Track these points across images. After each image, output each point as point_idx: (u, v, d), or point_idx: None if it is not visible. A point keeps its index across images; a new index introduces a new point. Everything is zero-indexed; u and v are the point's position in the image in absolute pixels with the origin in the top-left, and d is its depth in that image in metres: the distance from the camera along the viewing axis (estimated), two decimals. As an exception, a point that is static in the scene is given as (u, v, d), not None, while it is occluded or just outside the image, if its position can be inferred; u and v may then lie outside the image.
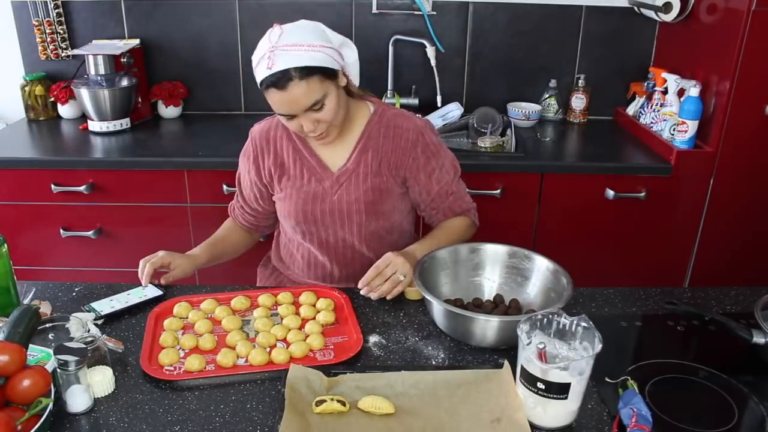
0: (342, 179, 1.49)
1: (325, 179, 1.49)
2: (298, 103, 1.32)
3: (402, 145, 1.49)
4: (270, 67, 1.28)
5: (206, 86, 2.65)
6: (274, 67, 1.28)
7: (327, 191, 1.49)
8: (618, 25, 2.57)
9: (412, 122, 1.51)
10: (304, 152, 1.50)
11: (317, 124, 1.38)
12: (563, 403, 1.00)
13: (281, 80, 1.29)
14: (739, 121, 2.09)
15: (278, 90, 1.30)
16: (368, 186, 1.49)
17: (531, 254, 1.36)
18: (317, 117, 1.36)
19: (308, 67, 1.30)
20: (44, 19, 2.49)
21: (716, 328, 1.29)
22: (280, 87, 1.29)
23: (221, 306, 1.32)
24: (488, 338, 1.19)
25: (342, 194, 1.49)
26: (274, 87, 1.30)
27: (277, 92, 1.30)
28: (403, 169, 1.50)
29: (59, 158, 2.21)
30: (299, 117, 1.36)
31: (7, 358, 0.97)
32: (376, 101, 1.55)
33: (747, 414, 1.08)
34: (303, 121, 1.36)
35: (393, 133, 1.49)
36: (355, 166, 1.49)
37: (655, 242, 2.29)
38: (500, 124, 2.44)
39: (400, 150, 1.49)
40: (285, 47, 1.29)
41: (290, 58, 1.28)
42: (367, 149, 1.49)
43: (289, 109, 1.34)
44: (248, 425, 1.02)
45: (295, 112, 1.34)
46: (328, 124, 1.39)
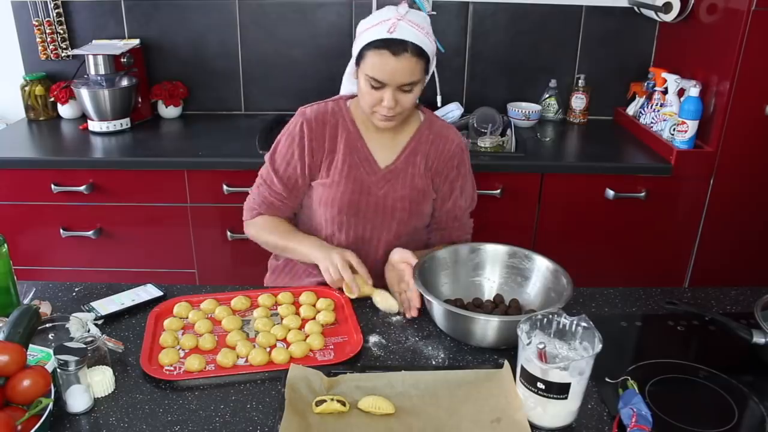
0: (390, 176, 1.52)
1: (373, 173, 1.51)
2: (400, 75, 1.37)
3: (446, 154, 1.55)
4: (391, 32, 1.34)
5: (206, 86, 2.65)
6: (396, 33, 1.34)
7: (374, 185, 1.51)
8: (618, 25, 2.57)
9: (458, 137, 1.58)
10: (358, 143, 1.52)
11: (396, 104, 1.41)
12: (563, 403, 1.00)
13: (398, 47, 1.34)
14: (739, 121, 2.09)
15: (390, 54, 1.35)
16: (414, 186, 1.53)
17: (531, 254, 1.36)
18: (400, 98, 1.41)
19: (422, 50, 1.37)
20: (44, 19, 2.49)
21: (716, 328, 1.30)
22: (394, 52, 1.35)
23: (221, 306, 1.32)
24: (488, 338, 1.19)
25: (389, 190, 1.52)
26: (388, 50, 1.35)
27: (388, 56, 1.35)
28: (439, 177, 1.56)
29: (59, 158, 2.21)
30: (387, 89, 1.39)
31: (7, 358, 0.97)
32: (426, 110, 1.60)
33: (747, 414, 1.08)
34: (387, 95, 1.39)
35: (441, 141, 1.55)
36: (404, 166, 1.53)
37: (655, 242, 2.29)
38: (500, 124, 2.44)
39: (443, 158, 1.55)
40: (410, 23, 1.37)
41: (413, 33, 1.36)
42: (417, 152, 1.53)
43: (388, 77, 1.37)
44: (248, 425, 1.02)
45: (390, 83, 1.38)
46: (402, 109, 1.43)
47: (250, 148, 2.23)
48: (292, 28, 2.57)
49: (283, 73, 2.62)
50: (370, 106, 1.43)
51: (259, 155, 2.16)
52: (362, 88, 1.43)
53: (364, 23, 1.42)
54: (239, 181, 2.16)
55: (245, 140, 2.31)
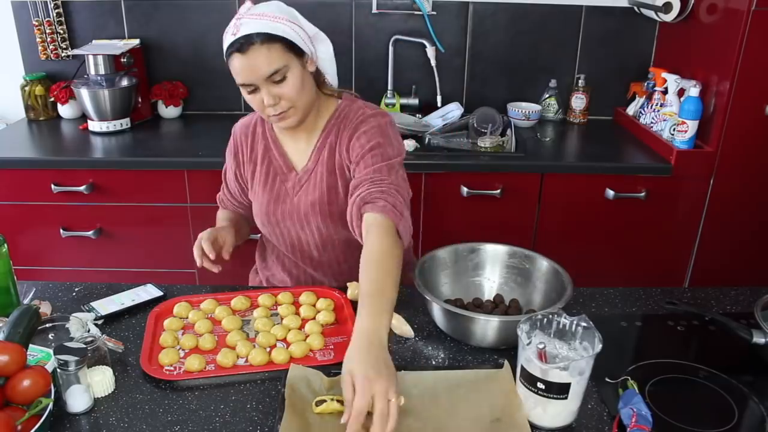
0: (303, 180, 1.46)
1: (288, 180, 1.48)
2: (259, 70, 1.30)
3: (344, 135, 1.41)
4: (235, 33, 1.30)
5: (206, 86, 2.65)
6: (239, 32, 1.29)
7: (288, 192, 1.48)
8: (618, 25, 2.57)
9: (360, 111, 1.42)
10: (274, 151, 1.49)
11: (278, 101, 1.34)
12: (563, 403, 1.00)
13: (244, 44, 1.28)
14: (739, 121, 2.09)
15: (240, 55, 1.29)
16: (324, 187, 1.44)
17: (531, 254, 1.36)
18: (278, 92, 1.32)
19: (270, 34, 1.29)
20: (44, 19, 2.49)
21: (716, 328, 1.29)
22: (243, 51, 1.29)
23: (221, 306, 1.32)
24: (488, 338, 1.19)
25: (301, 196, 1.46)
26: (238, 51, 1.29)
27: (239, 57, 1.30)
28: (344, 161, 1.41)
29: (59, 158, 2.22)
30: (261, 89, 1.33)
31: (7, 358, 0.97)
32: (347, 98, 1.48)
33: (747, 414, 1.08)
34: (264, 94, 1.32)
35: (344, 124, 1.43)
36: (313, 166, 1.45)
37: (655, 242, 2.29)
38: (500, 124, 2.44)
39: (341, 141, 1.42)
40: (251, 15, 1.31)
41: (255, 24, 1.29)
42: (324, 146, 1.44)
43: (250, 76, 1.31)
44: (248, 425, 1.02)
45: (256, 81, 1.31)
46: (289, 103, 1.34)
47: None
48: (292, 28, 2.57)
49: (283, 73, 2.62)
50: (260, 110, 1.38)
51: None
52: (245, 98, 1.38)
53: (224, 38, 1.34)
54: (239, 181, 2.16)
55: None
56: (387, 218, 1.25)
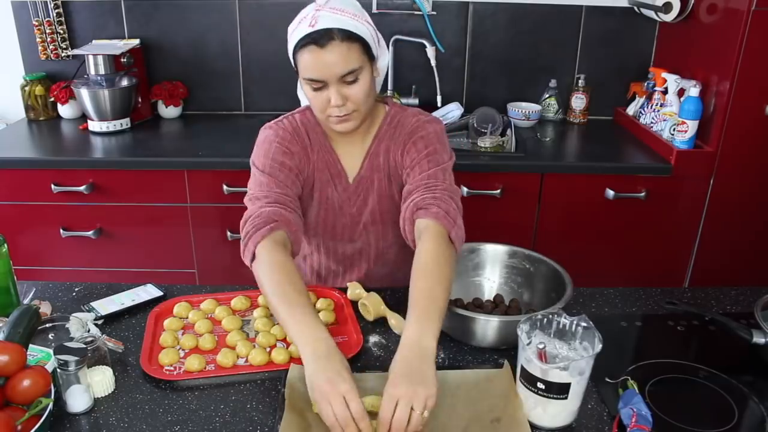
0: (359, 189, 1.42)
1: (344, 189, 1.42)
2: (335, 67, 1.23)
3: (399, 141, 1.39)
4: (313, 25, 1.21)
5: (206, 86, 2.65)
6: (318, 25, 1.21)
7: (346, 203, 1.42)
8: (618, 25, 2.57)
9: (414, 117, 1.40)
10: (328, 157, 1.40)
11: (345, 102, 1.27)
12: (563, 403, 1.00)
13: (323, 38, 1.21)
14: (739, 121, 2.09)
15: (318, 48, 1.21)
16: (382, 194, 1.41)
17: (531, 254, 1.36)
18: (347, 92, 1.26)
19: (351, 33, 1.23)
20: (44, 19, 2.49)
21: (716, 328, 1.29)
22: (321, 45, 1.21)
23: (221, 306, 1.32)
24: (488, 338, 1.19)
25: (360, 205, 1.42)
26: (315, 44, 1.21)
27: (316, 50, 1.22)
28: (399, 168, 1.39)
29: (59, 158, 2.22)
30: (330, 88, 1.25)
31: (7, 358, 0.97)
32: (393, 103, 1.45)
33: (747, 414, 1.08)
34: (332, 93, 1.25)
35: (399, 131, 1.40)
36: (368, 173, 1.41)
37: (655, 242, 2.29)
38: (500, 124, 2.44)
39: (396, 147, 1.39)
40: (332, 9, 1.23)
41: (336, 19, 1.22)
42: (378, 152, 1.40)
43: (323, 73, 1.23)
44: (248, 425, 1.02)
45: (329, 78, 1.24)
46: (354, 106, 1.28)
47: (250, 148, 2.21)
48: (292, 28, 2.57)
49: (283, 73, 2.61)
50: (321, 111, 1.30)
51: (259, 155, 2.16)
52: (308, 95, 1.30)
53: (290, 27, 1.28)
54: (239, 181, 2.16)
55: (245, 140, 2.29)
56: (439, 224, 1.23)
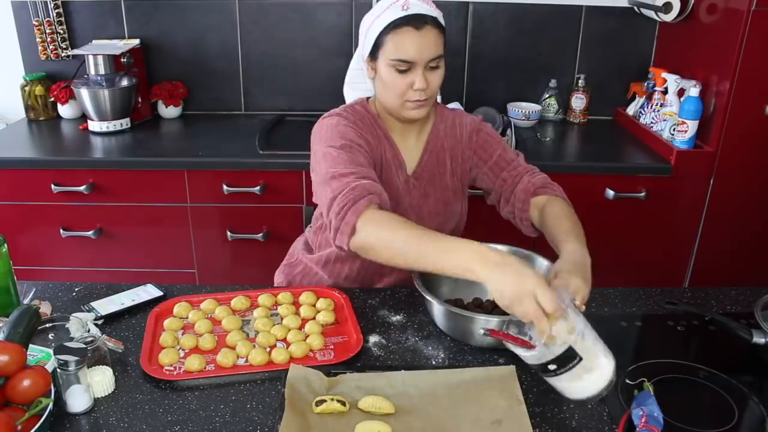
0: (420, 179, 1.46)
1: (405, 179, 1.45)
2: (427, 49, 1.31)
3: (465, 137, 1.49)
4: (406, 9, 1.30)
5: (206, 86, 2.65)
6: (412, 9, 1.30)
7: (406, 191, 1.45)
8: (618, 25, 2.57)
9: (469, 117, 1.53)
10: (391, 146, 1.44)
11: (426, 87, 1.33)
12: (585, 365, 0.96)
13: (419, 21, 1.30)
14: (739, 121, 2.09)
15: (414, 30, 1.29)
16: (445, 186, 1.48)
17: (531, 254, 1.36)
18: (430, 78, 1.34)
19: (439, 21, 1.34)
20: (44, 19, 2.49)
21: (716, 328, 1.29)
22: (417, 27, 1.29)
23: (221, 306, 1.32)
24: (488, 338, 1.19)
25: (420, 194, 1.46)
26: (410, 25, 1.29)
27: (413, 32, 1.29)
28: (468, 163, 1.50)
29: (59, 158, 2.21)
30: (416, 70, 1.32)
31: (7, 358, 0.97)
32: (437, 103, 1.54)
33: (747, 414, 1.08)
34: (418, 75, 1.31)
35: (455, 129, 1.50)
36: (431, 166, 1.47)
37: (655, 242, 2.29)
38: (500, 124, 2.43)
39: (462, 144, 1.49)
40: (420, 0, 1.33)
41: (426, 7, 1.32)
42: (439, 149, 1.48)
43: (417, 54, 1.30)
44: (248, 425, 1.02)
45: (420, 60, 1.31)
46: (431, 92, 1.36)
47: (250, 148, 2.23)
48: (292, 28, 2.57)
49: (283, 73, 2.62)
50: (400, 95, 1.34)
51: (259, 155, 2.17)
52: (386, 78, 1.34)
53: (371, 15, 1.36)
54: (239, 181, 2.16)
55: (245, 140, 2.31)
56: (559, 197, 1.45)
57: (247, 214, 2.22)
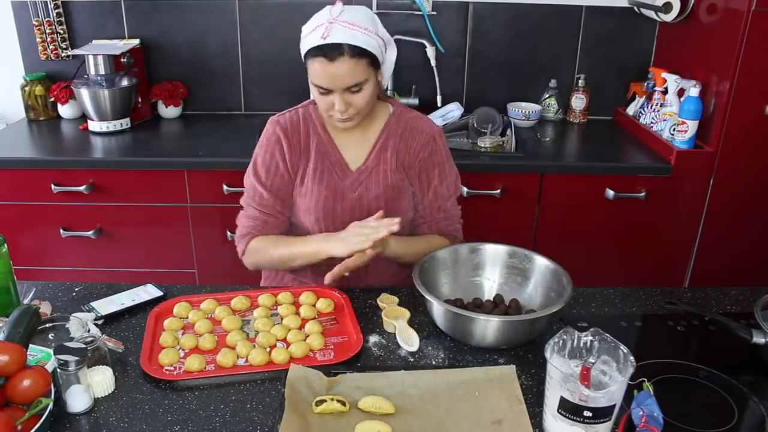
0: (362, 177, 1.50)
1: (346, 176, 1.50)
2: (341, 80, 1.34)
3: (415, 146, 1.51)
4: (324, 37, 1.31)
5: (206, 86, 2.65)
6: (329, 38, 1.31)
7: (348, 188, 1.49)
8: (618, 25, 2.57)
9: (428, 125, 1.54)
10: (329, 147, 1.50)
11: (348, 107, 1.39)
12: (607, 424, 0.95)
13: (333, 52, 1.31)
14: (739, 121, 2.09)
15: (327, 61, 1.32)
16: (388, 184, 1.50)
17: (531, 254, 1.36)
18: (351, 99, 1.38)
19: (361, 48, 1.33)
20: (44, 19, 2.49)
21: (716, 328, 1.29)
22: (330, 58, 1.32)
23: (221, 306, 1.32)
24: (488, 338, 1.19)
25: (362, 191, 1.49)
26: (324, 57, 1.32)
27: (325, 63, 1.32)
28: (412, 170, 1.53)
29: (59, 158, 2.22)
30: (335, 94, 1.37)
31: (7, 358, 0.97)
32: (396, 103, 1.57)
33: (747, 414, 1.08)
34: (336, 100, 1.37)
35: (409, 133, 1.52)
36: (374, 164, 1.50)
37: (655, 242, 2.29)
38: (500, 124, 2.44)
39: (414, 150, 1.51)
40: (344, 23, 1.33)
41: (347, 34, 1.32)
42: (386, 147, 1.51)
43: (330, 83, 1.35)
44: (248, 425, 1.02)
45: (334, 88, 1.35)
46: (357, 110, 1.40)
47: (250, 148, 2.19)
48: (292, 28, 2.55)
49: (283, 73, 2.62)
50: (325, 110, 1.43)
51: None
52: (314, 94, 1.42)
53: (304, 29, 1.38)
54: (239, 181, 2.13)
55: (245, 140, 2.31)
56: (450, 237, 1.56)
57: (247, 214, 2.21)
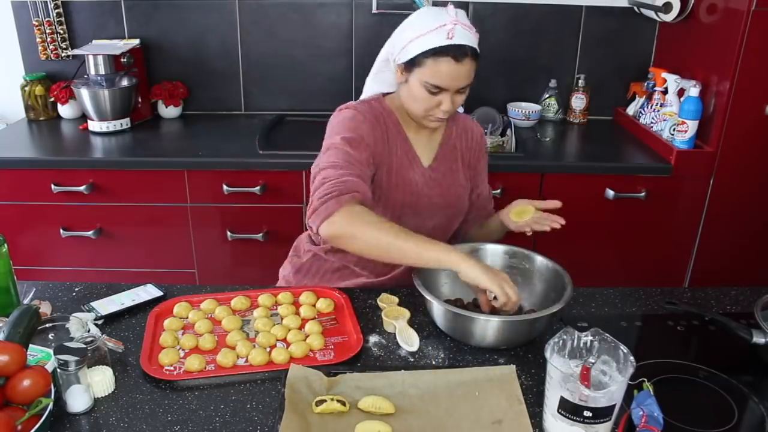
0: (435, 175, 1.52)
1: (421, 173, 1.50)
2: (461, 79, 1.37)
3: (474, 146, 1.58)
4: (451, 38, 1.33)
5: (206, 86, 2.65)
6: (456, 39, 1.33)
7: (423, 185, 1.50)
8: (618, 25, 2.57)
9: (473, 123, 1.62)
10: (405, 143, 1.49)
11: (452, 109, 1.41)
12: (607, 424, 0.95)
13: (460, 53, 1.34)
14: (739, 121, 2.09)
15: (454, 61, 1.34)
16: (459, 182, 1.55)
17: (531, 254, 1.36)
18: (457, 99, 1.41)
19: (478, 52, 1.38)
20: (44, 19, 2.49)
21: (716, 328, 1.29)
22: (457, 59, 1.34)
23: (221, 306, 1.32)
24: (488, 338, 1.19)
25: (435, 189, 1.51)
26: (451, 57, 1.33)
27: (452, 63, 1.34)
28: (472, 169, 1.59)
29: (59, 158, 2.21)
30: (446, 94, 1.38)
31: (7, 358, 0.97)
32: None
33: (747, 414, 1.08)
34: (446, 100, 1.39)
35: (467, 133, 1.58)
36: (446, 163, 1.54)
37: (655, 242, 2.29)
38: (500, 124, 2.44)
39: (472, 150, 1.58)
40: (464, 26, 1.35)
41: (470, 37, 1.36)
42: (453, 147, 1.55)
43: (451, 82, 1.36)
44: (248, 425, 1.02)
45: (452, 87, 1.37)
46: (456, 109, 1.43)
47: (250, 148, 2.23)
48: (292, 28, 2.57)
49: (283, 73, 2.62)
50: (426, 109, 1.42)
51: (259, 155, 2.17)
52: (416, 93, 1.40)
53: (413, 29, 1.36)
54: (239, 181, 2.16)
55: (245, 140, 2.31)
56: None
57: (247, 214, 2.22)
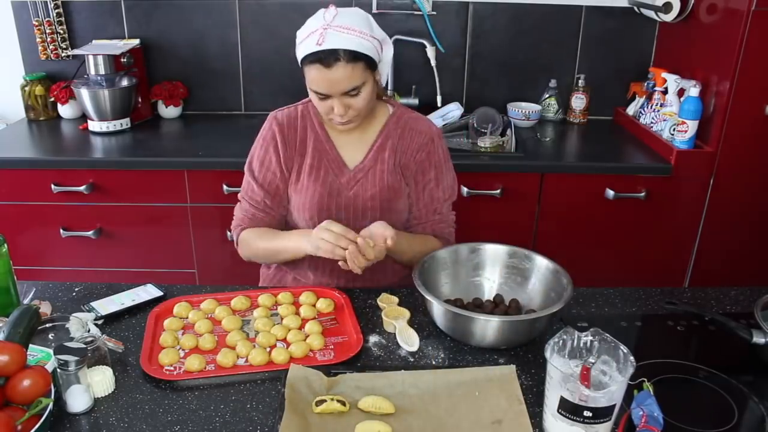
0: (359, 176, 1.50)
1: (342, 174, 1.50)
2: (338, 85, 1.34)
3: (412, 146, 1.52)
4: (320, 44, 1.31)
5: (206, 86, 2.65)
6: (325, 44, 1.31)
7: (344, 186, 1.49)
8: (618, 25, 2.57)
9: (426, 126, 1.54)
10: (326, 145, 1.50)
11: (347, 110, 1.39)
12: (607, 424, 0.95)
13: (329, 58, 1.31)
14: (739, 121, 2.09)
15: (323, 67, 1.32)
16: (384, 184, 1.50)
17: (531, 254, 1.36)
18: (350, 102, 1.38)
19: (356, 53, 1.33)
20: (44, 19, 2.49)
21: (716, 328, 1.29)
22: (326, 65, 1.32)
23: (221, 306, 1.32)
24: (488, 338, 1.19)
25: (358, 190, 1.49)
26: (320, 63, 1.32)
27: (322, 69, 1.32)
28: (409, 170, 1.52)
29: (59, 158, 2.22)
30: (333, 99, 1.37)
31: (7, 358, 0.97)
32: (396, 103, 1.58)
33: (747, 414, 1.08)
34: (335, 104, 1.37)
35: (408, 134, 1.52)
36: (372, 164, 1.50)
37: (655, 242, 2.29)
38: (500, 124, 2.44)
39: (411, 150, 1.52)
40: (338, 28, 1.32)
41: (342, 39, 1.31)
42: (385, 148, 1.51)
43: (328, 89, 1.35)
44: (248, 425, 1.02)
45: (332, 93, 1.36)
46: (357, 112, 1.40)
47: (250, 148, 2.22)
48: (292, 28, 2.55)
49: (283, 73, 2.62)
50: (324, 114, 1.43)
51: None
52: (312, 98, 1.42)
53: (299, 34, 1.38)
54: (239, 181, 2.14)
55: (245, 140, 2.29)
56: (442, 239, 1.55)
57: (247, 214, 2.21)
